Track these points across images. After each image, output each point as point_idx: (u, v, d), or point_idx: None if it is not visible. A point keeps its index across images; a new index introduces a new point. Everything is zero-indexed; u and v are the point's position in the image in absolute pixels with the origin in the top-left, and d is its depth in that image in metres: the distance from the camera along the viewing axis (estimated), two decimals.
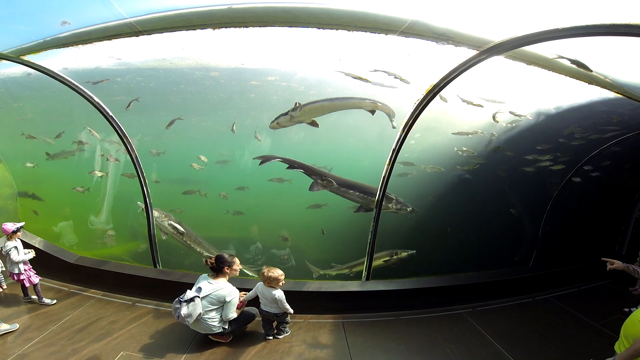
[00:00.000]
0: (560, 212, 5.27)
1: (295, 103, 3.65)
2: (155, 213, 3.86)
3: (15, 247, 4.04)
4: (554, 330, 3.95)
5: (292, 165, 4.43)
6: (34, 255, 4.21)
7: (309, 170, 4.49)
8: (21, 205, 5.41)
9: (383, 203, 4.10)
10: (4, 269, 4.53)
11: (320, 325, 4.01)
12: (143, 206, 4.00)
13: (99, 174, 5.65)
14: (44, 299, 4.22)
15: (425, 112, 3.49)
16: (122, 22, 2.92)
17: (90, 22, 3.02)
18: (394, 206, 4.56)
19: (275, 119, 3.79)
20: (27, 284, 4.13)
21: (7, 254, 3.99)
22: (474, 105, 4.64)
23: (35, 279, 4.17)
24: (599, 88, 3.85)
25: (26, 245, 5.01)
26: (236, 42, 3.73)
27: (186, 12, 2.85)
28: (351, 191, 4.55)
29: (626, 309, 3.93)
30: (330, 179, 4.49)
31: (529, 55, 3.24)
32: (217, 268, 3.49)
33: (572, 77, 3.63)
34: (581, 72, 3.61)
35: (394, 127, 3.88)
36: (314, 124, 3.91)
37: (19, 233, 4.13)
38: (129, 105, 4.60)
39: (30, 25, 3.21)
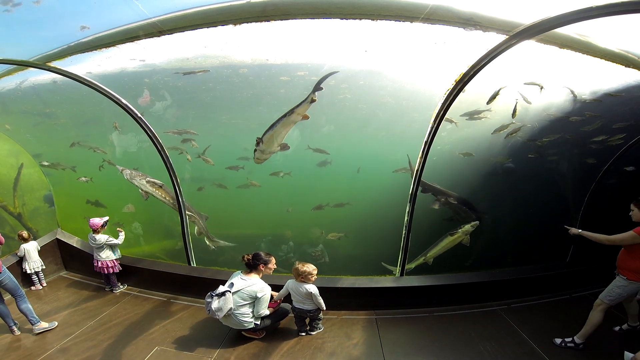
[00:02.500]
0: (599, 203, 5.00)
1: (256, 138, 3.87)
2: (128, 171, 3.93)
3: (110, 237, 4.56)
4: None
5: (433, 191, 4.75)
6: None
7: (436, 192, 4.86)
8: (58, 206, 5.67)
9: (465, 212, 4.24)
10: (44, 267, 4.78)
11: (354, 321, 3.97)
12: (122, 169, 4.04)
13: (84, 179, 5.87)
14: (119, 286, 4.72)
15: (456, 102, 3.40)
16: (145, 22, 2.97)
17: (112, 25, 3.09)
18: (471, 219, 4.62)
19: (254, 156, 4.03)
20: (112, 270, 4.58)
21: (106, 243, 4.50)
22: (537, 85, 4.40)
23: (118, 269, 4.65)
24: (636, 71, 3.66)
25: (64, 244, 5.29)
26: (259, 37, 3.75)
27: (206, 8, 2.87)
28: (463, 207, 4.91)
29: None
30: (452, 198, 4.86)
31: (562, 37, 3.11)
32: (252, 265, 3.52)
33: (608, 60, 3.47)
34: (617, 54, 3.44)
35: None
36: (284, 147, 4.01)
37: (105, 227, 4.59)
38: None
39: (53, 31, 3.30)
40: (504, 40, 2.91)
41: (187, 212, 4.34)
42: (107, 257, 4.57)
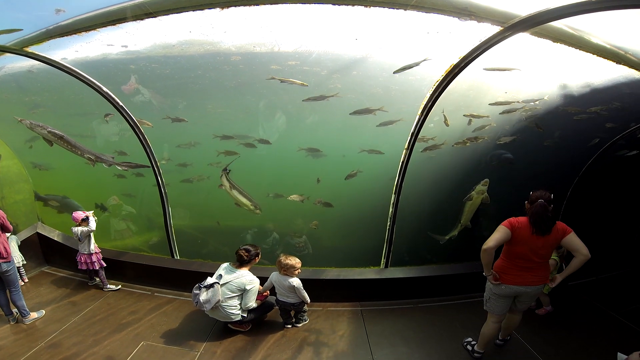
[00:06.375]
0: (581, 197, 5.10)
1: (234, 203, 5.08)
2: (28, 122, 3.88)
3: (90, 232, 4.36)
4: (573, 319, 3.88)
5: None
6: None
7: None
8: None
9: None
10: (24, 262, 4.63)
11: (339, 313, 4.00)
12: (20, 119, 3.96)
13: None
14: (108, 285, 4.51)
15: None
16: (129, 3, 2.79)
17: (93, 6, 2.90)
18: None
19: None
20: (97, 266, 4.40)
21: (79, 238, 4.31)
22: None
23: (103, 264, 4.46)
24: (626, 68, 3.64)
25: (45, 238, 5.13)
26: (247, 23, 3.60)
27: None
28: None
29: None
30: None
31: (556, 31, 3.07)
32: (246, 259, 3.48)
33: (599, 56, 3.44)
34: (608, 50, 3.42)
35: None
36: (257, 207, 5.20)
37: (88, 221, 4.36)
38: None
39: (29, 13, 3.08)
40: (498, 32, 2.85)
41: (79, 152, 4.19)
42: (87, 250, 4.35)
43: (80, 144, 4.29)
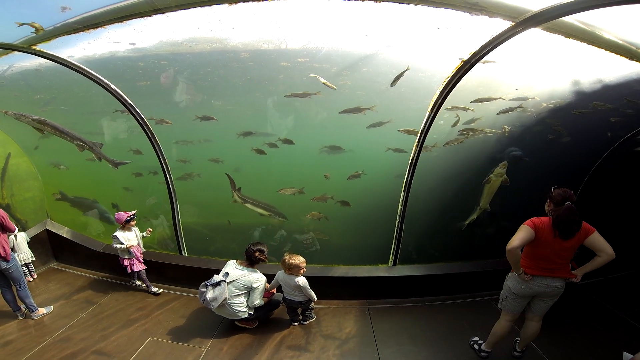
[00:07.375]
0: (592, 195, 5.02)
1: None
2: (12, 113, 3.85)
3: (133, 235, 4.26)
4: (579, 319, 3.80)
5: None
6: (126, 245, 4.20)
7: None
8: (47, 196, 5.54)
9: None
10: (34, 259, 4.68)
11: (346, 310, 3.98)
12: (5, 111, 3.91)
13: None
14: (151, 287, 4.37)
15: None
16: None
17: (100, 3, 2.88)
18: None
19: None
20: (131, 270, 4.26)
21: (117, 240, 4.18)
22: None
23: (140, 267, 4.30)
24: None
25: (54, 235, 5.18)
26: (255, 19, 3.59)
27: None
28: None
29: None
30: None
31: (568, 26, 3.02)
32: (258, 260, 3.47)
33: (612, 52, 3.38)
34: (622, 46, 3.36)
35: None
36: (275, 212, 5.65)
37: (133, 221, 4.26)
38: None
39: (36, 9, 3.07)
40: (510, 27, 2.81)
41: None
42: (125, 255, 4.24)
43: (68, 129, 4.26)
